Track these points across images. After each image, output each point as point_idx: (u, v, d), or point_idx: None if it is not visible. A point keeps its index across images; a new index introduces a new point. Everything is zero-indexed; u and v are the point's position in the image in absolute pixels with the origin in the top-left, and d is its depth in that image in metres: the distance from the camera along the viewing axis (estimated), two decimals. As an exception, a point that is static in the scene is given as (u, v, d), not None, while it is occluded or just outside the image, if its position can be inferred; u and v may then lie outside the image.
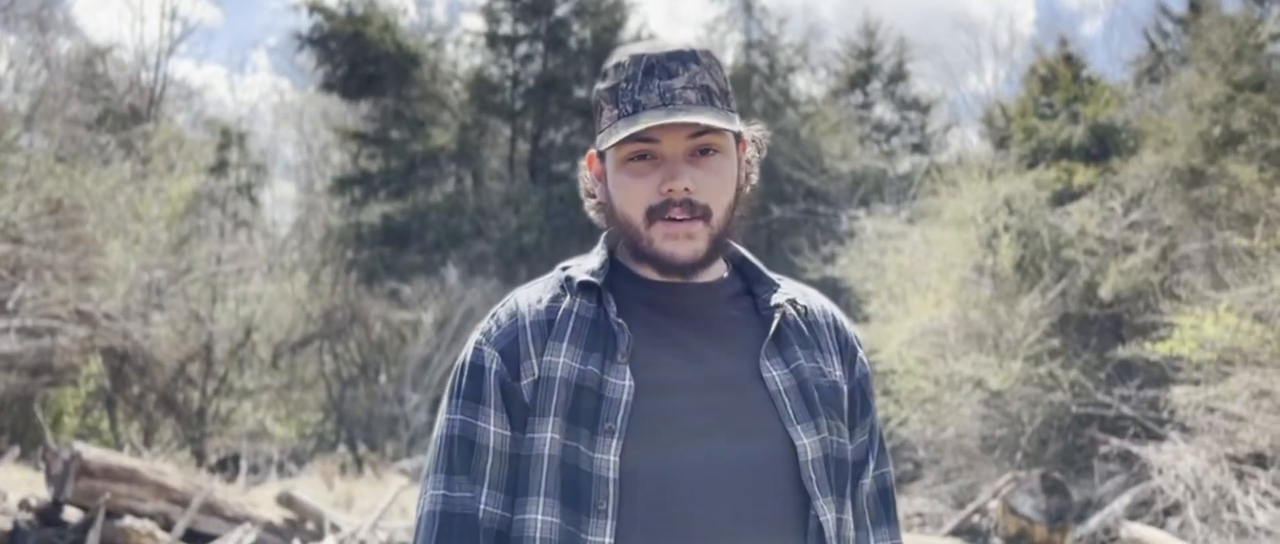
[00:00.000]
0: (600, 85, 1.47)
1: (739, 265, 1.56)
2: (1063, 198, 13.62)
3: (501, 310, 1.49)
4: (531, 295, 1.49)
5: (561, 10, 21.81)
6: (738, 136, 1.48)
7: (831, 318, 1.56)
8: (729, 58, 21.20)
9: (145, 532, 7.34)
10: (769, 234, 19.61)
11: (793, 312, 1.50)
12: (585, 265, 1.50)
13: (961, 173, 15.10)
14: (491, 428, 1.42)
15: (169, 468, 8.63)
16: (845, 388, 1.50)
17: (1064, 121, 14.74)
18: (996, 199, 13.47)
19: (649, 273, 1.47)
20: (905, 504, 13.06)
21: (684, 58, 1.42)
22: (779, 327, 1.47)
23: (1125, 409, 11.73)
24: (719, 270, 1.52)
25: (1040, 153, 14.52)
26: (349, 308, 20.57)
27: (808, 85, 22.15)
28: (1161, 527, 9.91)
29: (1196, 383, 10.74)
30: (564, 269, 1.51)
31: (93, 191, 16.24)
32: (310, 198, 24.66)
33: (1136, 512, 10.50)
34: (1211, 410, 10.38)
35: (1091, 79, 15.60)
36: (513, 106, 21.89)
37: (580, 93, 21.98)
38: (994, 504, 8.37)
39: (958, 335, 13.21)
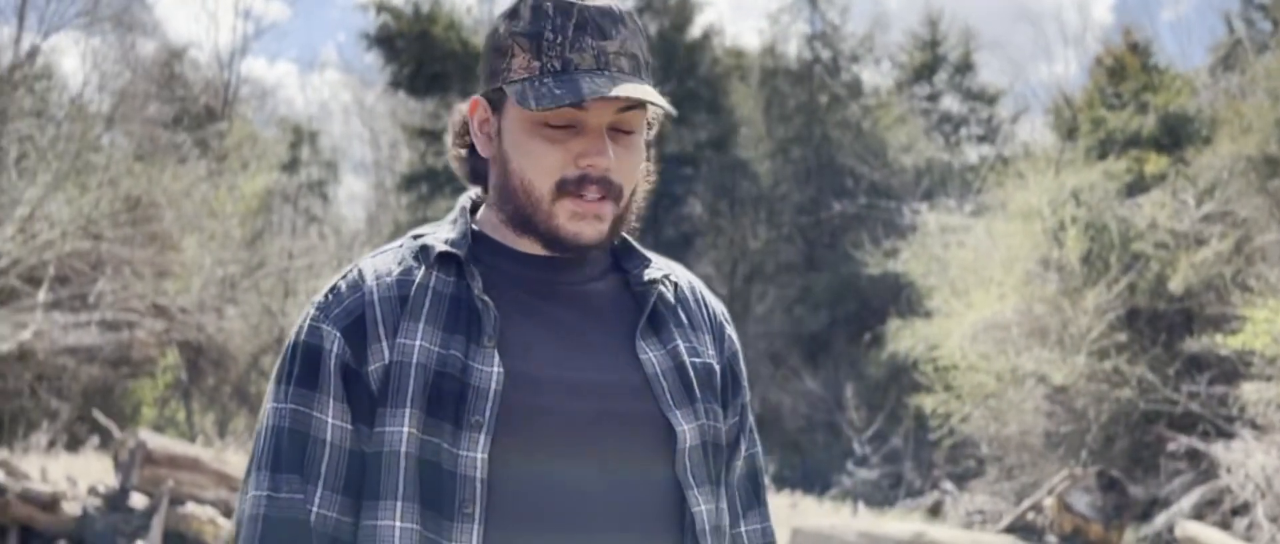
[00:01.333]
0: (512, 26, 1.27)
1: None
2: (1132, 189, 13.33)
3: (342, 282, 1.29)
4: (380, 265, 1.29)
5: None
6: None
7: (700, 294, 1.43)
8: (793, 49, 21.09)
9: (206, 518, 7.57)
10: (831, 229, 19.46)
11: (665, 288, 1.37)
12: (441, 234, 1.31)
13: (1028, 165, 14.85)
14: (329, 420, 1.23)
15: (232, 457, 8.89)
16: (717, 367, 1.37)
17: (1133, 112, 14.42)
18: (1064, 191, 13.23)
19: (527, 246, 1.30)
20: (966, 501, 12.91)
21: (615, 18, 1.26)
22: (654, 306, 1.34)
23: (1194, 406, 11.46)
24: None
25: (1109, 144, 14.22)
26: (417, 302, 20.87)
27: (872, 77, 21.95)
28: (1229, 527, 9.66)
29: (1268, 379, 10.46)
30: (417, 237, 1.32)
31: (170, 189, 16.74)
32: (380, 194, 25.11)
33: (1203, 511, 10.26)
34: (1283, 407, 10.10)
35: (1160, 68, 15.22)
36: (577, 102, 21.93)
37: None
38: (1049, 501, 8.24)
39: (1021, 330, 13.01)
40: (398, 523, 1.20)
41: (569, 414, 1.24)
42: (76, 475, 8.58)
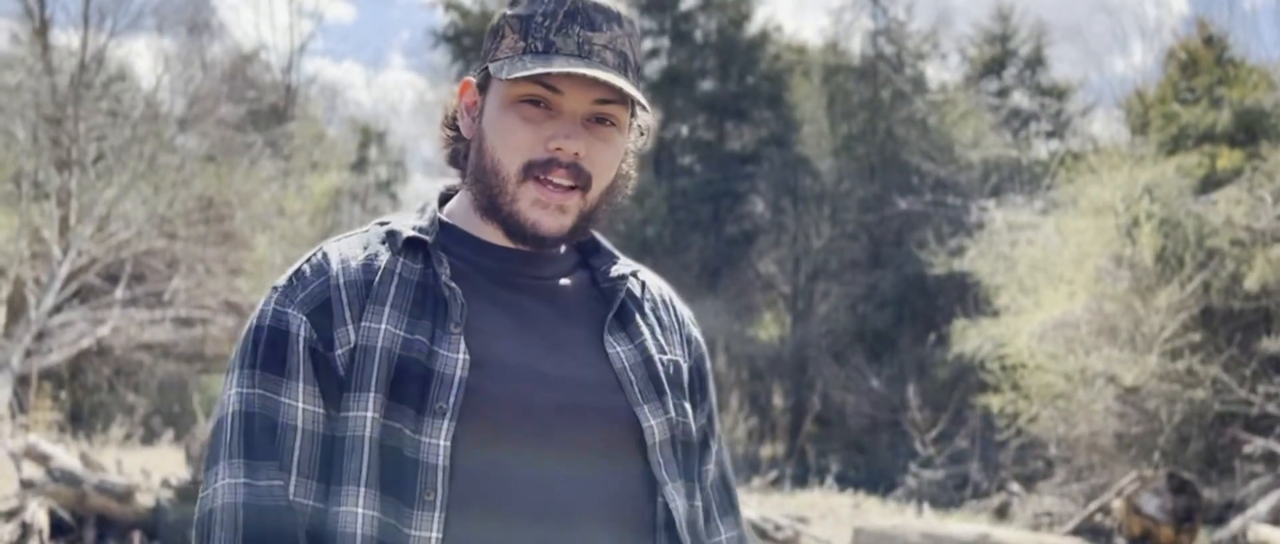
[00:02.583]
0: (509, 10, 1.30)
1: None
2: (1206, 185, 13.01)
3: (306, 266, 1.27)
4: (344, 250, 1.28)
5: (686, 4, 21.87)
6: (631, 118, 1.32)
7: (666, 296, 1.43)
8: (856, 45, 20.92)
9: (274, 511, 7.73)
10: (896, 227, 19.26)
11: (632, 286, 1.37)
12: (409, 221, 1.32)
13: (1100, 160, 14.57)
14: (299, 405, 1.20)
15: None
16: (686, 367, 1.38)
17: (1207, 106, 14.07)
18: (1137, 187, 12.95)
19: (492, 235, 1.30)
20: (1034, 503, 12.70)
21: (609, 15, 1.27)
22: (623, 301, 1.34)
23: (1271, 408, 11.15)
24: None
25: (1181, 139, 13.90)
26: (481, 300, 21.08)
27: (937, 73, 21.67)
28: (1307, 532, 9.39)
29: (1349, 380, 10.16)
30: (383, 224, 1.32)
31: (241, 189, 17.10)
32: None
33: (1280, 515, 9.98)
34: (1364, 410, 9.79)
35: (1235, 61, 14.83)
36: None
37: (706, 86, 21.99)
38: (1117, 503, 8.08)
39: (1091, 329, 12.77)
40: (360, 510, 1.18)
41: (535, 404, 1.23)
42: (150, 468, 8.80)
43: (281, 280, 1.27)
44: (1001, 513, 12.62)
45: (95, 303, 15.13)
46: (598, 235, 1.38)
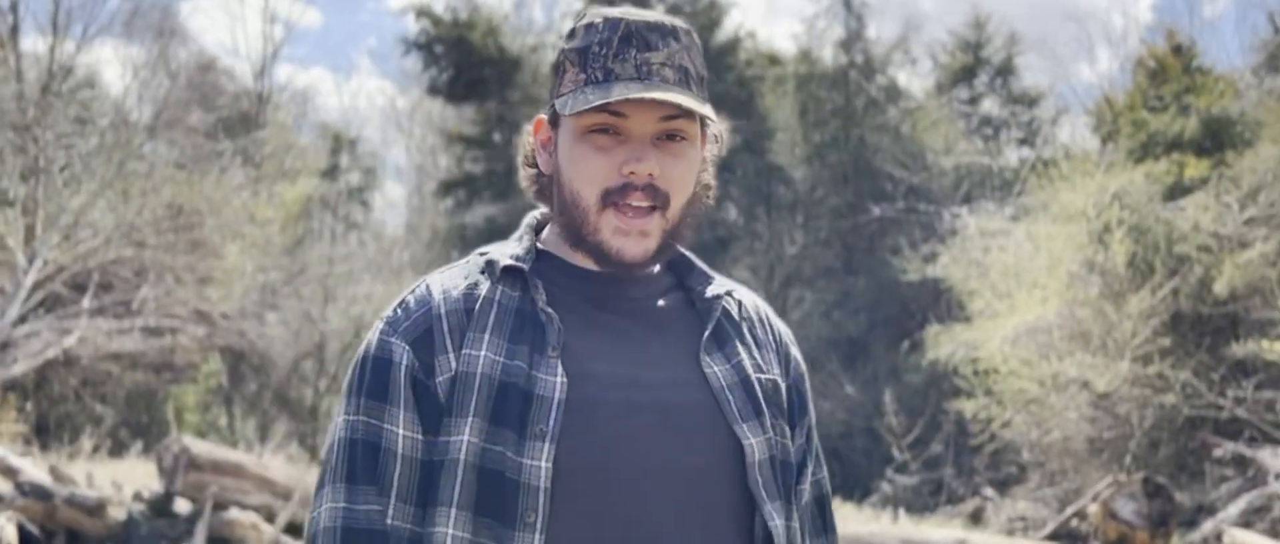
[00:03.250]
0: (567, 44, 1.32)
1: (671, 257, 1.40)
2: (1174, 192, 13.17)
3: (411, 297, 1.32)
4: (447, 281, 1.32)
5: (657, 10, 21.89)
6: (703, 128, 1.34)
7: (764, 314, 1.44)
8: (828, 53, 21.01)
9: (249, 523, 7.64)
10: (869, 234, 19.36)
11: (728, 305, 1.38)
12: (507, 250, 1.34)
13: (1070, 166, 14.70)
14: (400, 431, 1.25)
15: (274, 462, 8.97)
16: (783, 386, 1.38)
17: (1174, 114, 14.24)
18: (1107, 193, 13.08)
19: (583, 261, 1.33)
20: (1008, 507, 12.78)
21: (665, 32, 1.29)
22: (717, 321, 1.35)
23: (1240, 412, 11.27)
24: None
25: (1150, 146, 14.06)
26: (454, 308, 21.00)
27: (909, 80, 21.80)
28: (1278, 535, 9.50)
29: (1317, 384, 10.29)
30: (482, 253, 1.36)
31: (210, 196, 16.93)
32: (419, 200, 25.28)
33: (1251, 518, 10.08)
34: (1332, 413, 9.92)
35: (1202, 69, 15.02)
36: (611, 108, 22.01)
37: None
38: (1093, 508, 8.14)
39: (1063, 334, 12.87)
40: (450, 530, 1.22)
41: (633, 425, 1.25)
42: (121, 480, 8.68)
43: (388, 311, 1.32)
44: (976, 518, 12.69)
45: (62, 312, 14.93)
46: (691, 256, 1.41)
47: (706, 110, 1.28)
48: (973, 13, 21.03)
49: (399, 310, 1.31)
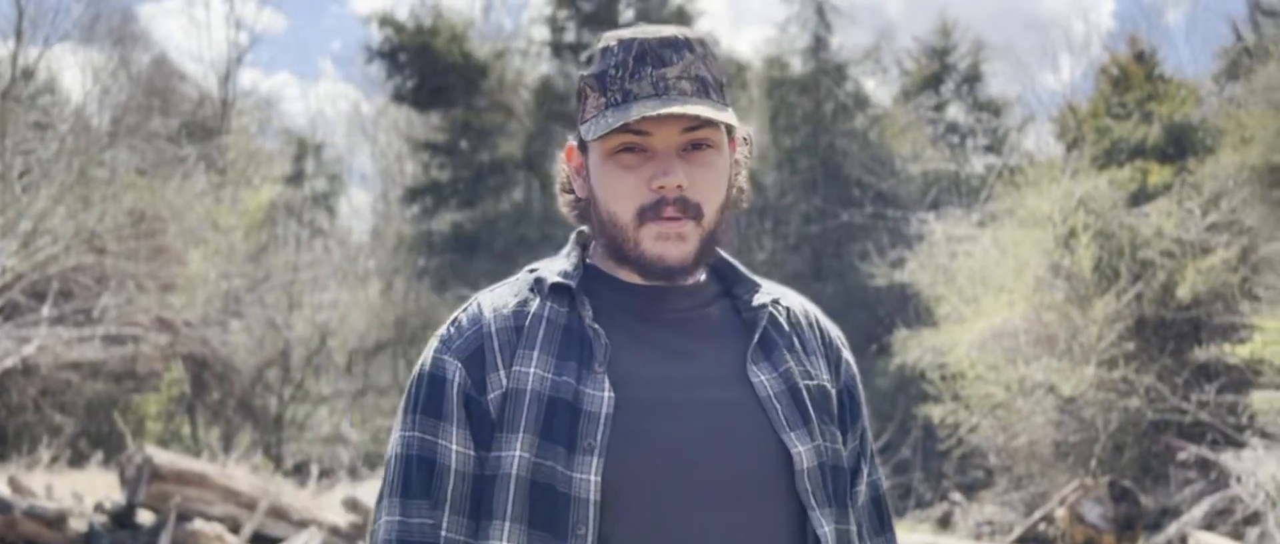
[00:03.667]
0: (586, 71, 1.35)
1: (716, 266, 1.44)
2: (1137, 198, 13.32)
3: (463, 315, 1.36)
4: (497, 299, 1.36)
5: (625, 18, 21.90)
6: (730, 134, 1.37)
7: (814, 319, 1.45)
8: (798, 60, 21.11)
9: (213, 534, 7.54)
10: (838, 239, 19.44)
11: (775, 312, 1.40)
12: (555, 266, 1.38)
13: (1035, 173, 14.84)
14: (454, 447, 1.29)
15: (238, 472, 8.85)
16: (833, 391, 1.40)
17: (1137, 121, 14.41)
18: (1072, 199, 13.21)
19: (627, 276, 1.36)
20: (975, 512, 12.86)
21: (678, 45, 1.32)
22: (764, 329, 1.37)
23: (1203, 415, 11.40)
24: (698, 273, 1.40)
25: (1114, 153, 14.21)
26: (421, 314, 20.88)
27: (878, 87, 21.94)
28: (1241, 537, 9.61)
29: (1278, 387, 10.42)
30: (532, 271, 1.39)
31: (173, 203, 16.74)
32: (385, 206, 25.12)
33: (1214, 521, 10.20)
34: (1293, 416, 10.05)
35: (1165, 77, 15.22)
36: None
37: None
38: (1061, 512, 8.20)
39: (1029, 339, 12.97)
40: (505, 543, 1.26)
41: (680, 436, 1.27)
42: (82, 492, 8.54)
43: (442, 330, 1.36)
44: (944, 522, 12.75)
45: (20, 321, 14.67)
46: (737, 265, 1.44)
47: (726, 116, 1.31)
48: (939, 20, 21.20)
49: (452, 329, 1.35)
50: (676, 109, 1.27)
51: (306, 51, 42.00)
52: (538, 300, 1.34)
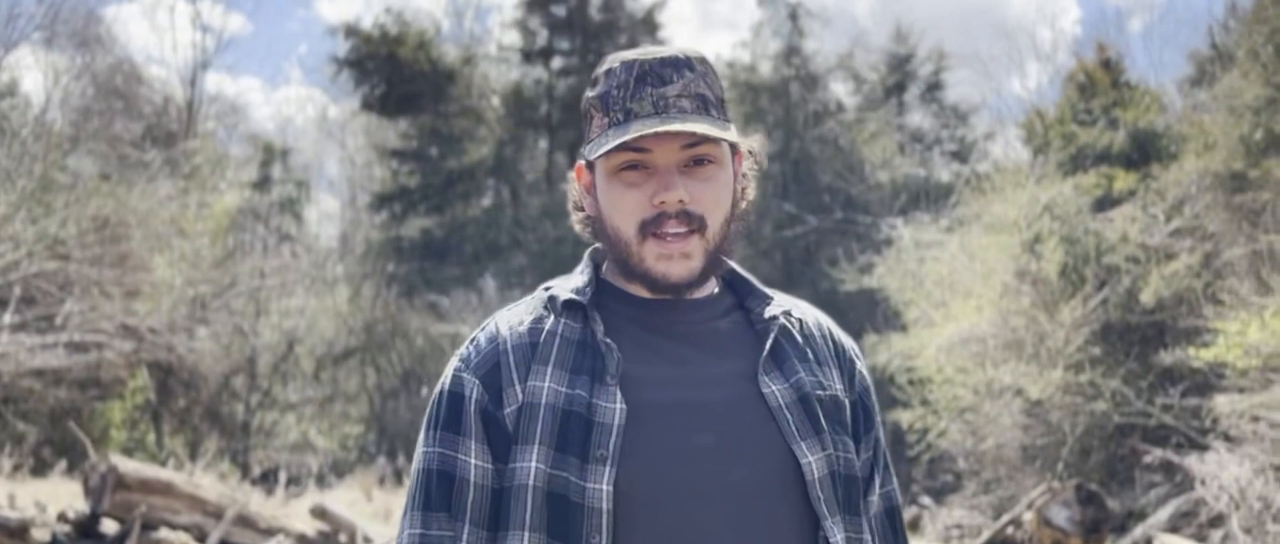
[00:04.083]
0: (590, 92, 1.40)
1: (729, 279, 1.48)
2: (1103, 204, 13.45)
3: (481, 334, 1.41)
4: (513, 317, 1.41)
5: (596, 21, 21.89)
6: (734, 148, 1.41)
7: (826, 330, 1.48)
8: (769, 65, 21.20)
9: (179, 543, 7.44)
10: (806, 245, 19.53)
11: (788, 323, 1.43)
12: (569, 284, 1.42)
13: (1003, 178, 14.96)
14: (472, 461, 1.33)
15: (204, 480, 8.75)
16: (846, 402, 1.43)
17: (1103, 127, 14.56)
18: (1037, 205, 13.33)
19: (638, 290, 1.40)
20: (944, 516, 12.93)
21: (678, 65, 1.37)
22: (775, 340, 1.40)
23: (1168, 419, 11.52)
24: (710, 286, 1.44)
25: (1080, 159, 14.35)
26: (390, 321, 20.77)
27: (849, 94, 22.06)
28: (1205, 539, 9.71)
29: (1241, 391, 10.54)
30: (547, 289, 1.43)
31: (138, 208, 16.56)
32: (353, 212, 24.97)
33: (1179, 523, 10.30)
34: (1256, 419, 10.17)
35: (1130, 84, 15.39)
36: (548, 120, 22.02)
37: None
38: (1028, 516, 8.26)
39: (997, 343, 13.07)
40: None
41: (691, 447, 1.30)
42: (45, 501, 8.42)
43: (462, 349, 1.41)
44: (913, 526, 12.81)
45: (-18, 328, 14.46)
46: (750, 278, 1.48)
47: (725, 132, 1.35)
48: (897, 27, 21.37)
49: (471, 348, 1.40)
50: (675, 126, 1.31)
51: (272, 56, 41.70)
52: (552, 317, 1.38)
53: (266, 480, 15.95)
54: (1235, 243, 12.28)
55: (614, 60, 1.40)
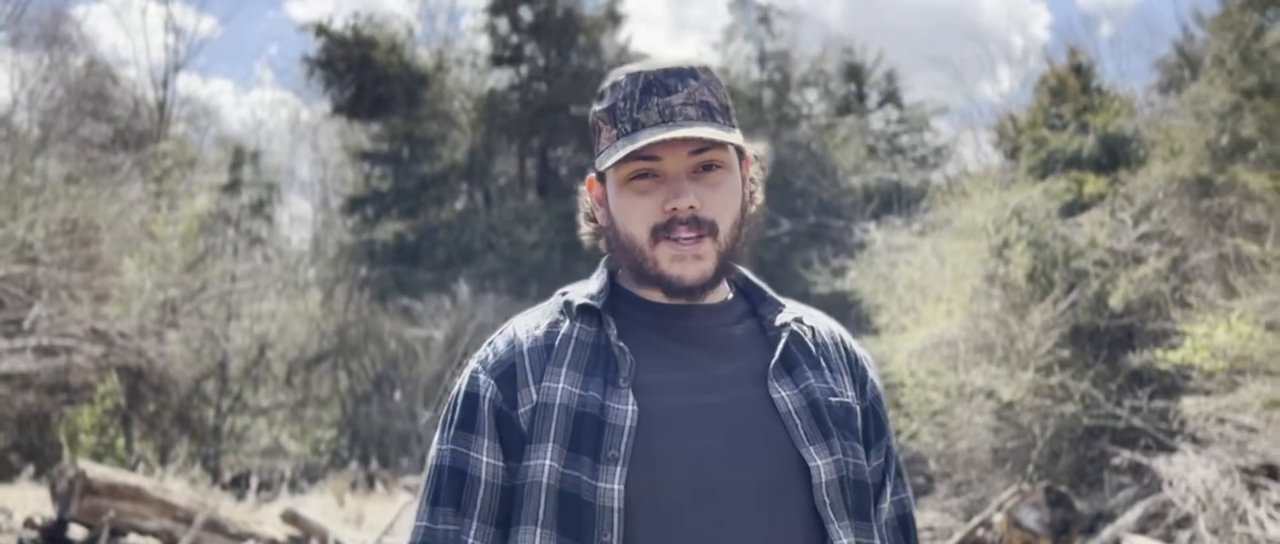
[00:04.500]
0: (598, 106, 1.43)
1: (743, 287, 1.51)
2: (1073, 208, 13.57)
3: (500, 338, 1.45)
4: (530, 322, 1.45)
5: (564, 24, 21.86)
6: (741, 154, 1.45)
7: (838, 338, 1.51)
8: (742, 70, 21.27)
9: (149, 549, 7.38)
10: (780, 248, 19.60)
11: (799, 330, 1.45)
12: (584, 289, 1.46)
13: (972, 183, 15.07)
14: (484, 459, 1.37)
15: (174, 486, 8.68)
16: (858, 409, 1.45)
17: (1074, 132, 14.70)
18: (1006, 209, 13.43)
19: (652, 296, 1.43)
20: (916, 518, 13.00)
21: (682, 74, 1.40)
22: (786, 346, 1.42)
23: (1136, 421, 11.64)
24: (723, 292, 1.47)
25: (1050, 164, 14.48)
26: (362, 325, 20.67)
27: (822, 99, 22.16)
28: (1172, 540, 9.82)
29: (1207, 393, 10.66)
30: (563, 294, 1.47)
31: (107, 211, 16.41)
32: (325, 215, 24.83)
33: (1147, 524, 10.40)
34: (1222, 421, 10.29)
35: (1101, 89, 15.55)
36: (521, 124, 21.96)
37: (582, 109, 22.01)
38: (999, 517, 8.32)
39: (968, 346, 13.16)
40: None
41: (701, 450, 1.33)
42: (12, 507, 8.33)
43: (480, 352, 1.45)
44: (885, 529, 12.86)
45: (-52, 332, 14.29)
46: (763, 286, 1.51)
47: (730, 137, 1.38)
48: (852, 36, 21.53)
49: (489, 350, 1.44)
50: (681, 132, 1.34)
51: (242, 57, 41.43)
52: (567, 321, 1.42)
53: (237, 486, 15.83)
54: (1202, 247, 12.43)
55: (619, 74, 1.43)
